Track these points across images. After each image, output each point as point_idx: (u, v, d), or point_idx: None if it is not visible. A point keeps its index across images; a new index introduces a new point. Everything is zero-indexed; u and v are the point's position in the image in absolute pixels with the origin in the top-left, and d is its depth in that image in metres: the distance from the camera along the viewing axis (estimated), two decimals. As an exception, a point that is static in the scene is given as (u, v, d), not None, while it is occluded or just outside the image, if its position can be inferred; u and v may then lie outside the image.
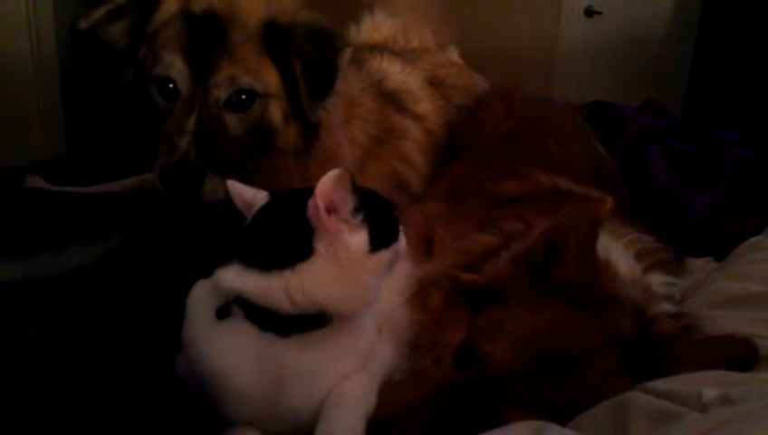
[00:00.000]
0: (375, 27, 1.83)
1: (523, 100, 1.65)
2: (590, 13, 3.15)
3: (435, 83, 1.64)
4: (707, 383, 0.74)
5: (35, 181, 1.50)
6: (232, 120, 1.19)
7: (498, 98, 1.66)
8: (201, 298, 0.86)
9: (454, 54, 1.84)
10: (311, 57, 1.20)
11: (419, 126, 1.53)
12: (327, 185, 0.77)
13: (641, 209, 1.58)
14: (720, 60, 3.53)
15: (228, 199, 0.89)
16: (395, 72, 1.58)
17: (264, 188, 0.90)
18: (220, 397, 0.81)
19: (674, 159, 1.81)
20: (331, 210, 0.79)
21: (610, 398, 0.83)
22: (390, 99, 1.51)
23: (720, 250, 1.35)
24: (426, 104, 1.57)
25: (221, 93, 1.17)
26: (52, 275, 1.08)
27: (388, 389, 0.88)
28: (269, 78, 1.20)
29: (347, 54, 1.24)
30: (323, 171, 1.21)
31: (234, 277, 0.80)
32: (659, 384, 0.79)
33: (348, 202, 0.79)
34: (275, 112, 1.22)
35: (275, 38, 1.20)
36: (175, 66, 1.17)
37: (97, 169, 1.59)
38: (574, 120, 1.65)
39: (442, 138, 1.57)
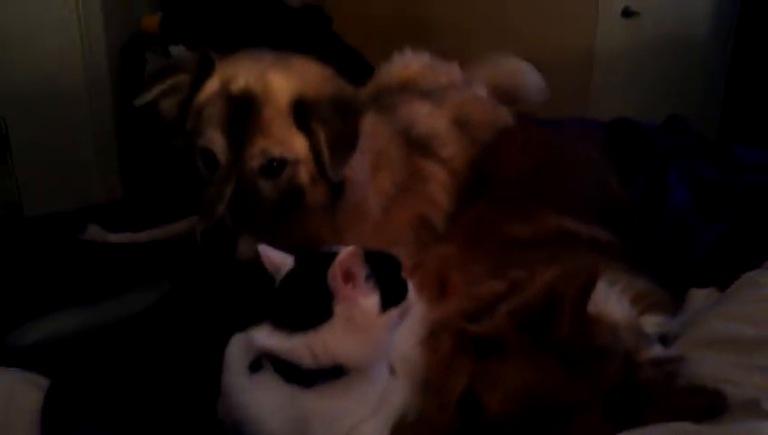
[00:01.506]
0: (405, 65, 1.95)
1: (538, 133, 1.73)
2: (627, 13, 3.18)
3: (460, 123, 1.73)
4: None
5: (94, 232, 1.68)
6: (265, 186, 1.36)
7: (515, 132, 1.75)
8: (237, 351, 1.04)
9: (480, 89, 1.93)
10: (333, 126, 1.35)
11: (445, 168, 1.64)
12: (343, 260, 0.94)
13: (655, 238, 1.63)
14: (760, 61, 3.43)
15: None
16: (423, 115, 1.68)
17: (297, 240, 1.07)
18: None
19: (693, 183, 1.82)
20: (347, 279, 0.95)
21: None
22: (417, 145, 1.62)
23: (726, 281, 1.39)
24: (451, 146, 1.67)
25: (255, 163, 1.34)
26: (111, 323, 1.27)
27: (399, 430, 1.01)
28: (297, 146, 1.36)
29: (368, 120, 1.37)
30: (351, 222, 1.40)
31: (265, 337, 0.97)
32: None
33: (361, 271, 0.96)
34: (303, 175, 1.38)
35: (303, 111, 1.36)
36: (215, 140, 1.34)
37: (151, 212, 1.77)
38: (588, 153, 1.73)
39: (466, 177, 1.67)
